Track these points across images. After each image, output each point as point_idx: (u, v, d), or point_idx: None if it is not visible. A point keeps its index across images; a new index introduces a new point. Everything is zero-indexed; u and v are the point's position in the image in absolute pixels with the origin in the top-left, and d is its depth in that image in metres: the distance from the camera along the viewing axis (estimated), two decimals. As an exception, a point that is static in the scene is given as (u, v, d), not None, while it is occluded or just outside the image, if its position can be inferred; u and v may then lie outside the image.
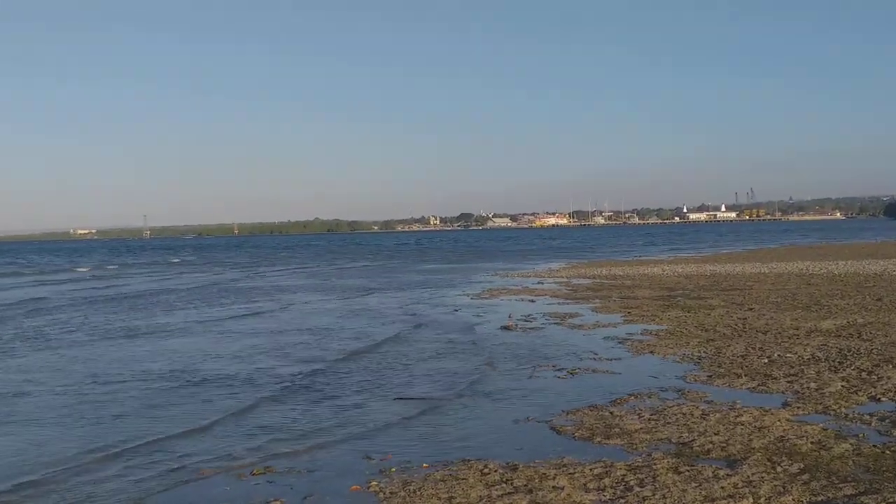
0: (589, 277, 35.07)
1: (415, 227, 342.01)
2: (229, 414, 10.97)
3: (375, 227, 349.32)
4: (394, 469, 8.20)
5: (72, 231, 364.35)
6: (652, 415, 9.96)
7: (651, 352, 14.71)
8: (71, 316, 25.39)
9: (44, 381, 13.87)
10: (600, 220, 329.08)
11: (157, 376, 14.00)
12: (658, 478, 7.49)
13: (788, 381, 11.54)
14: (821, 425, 9.09)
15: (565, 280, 34.22)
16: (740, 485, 7.20)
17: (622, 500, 6.96)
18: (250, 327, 21.00)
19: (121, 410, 11.42)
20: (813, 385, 11.19)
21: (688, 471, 7.67)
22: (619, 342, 16.01)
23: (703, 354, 14.08)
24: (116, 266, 68.58)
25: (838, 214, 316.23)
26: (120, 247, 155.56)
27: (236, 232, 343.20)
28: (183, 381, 13.46)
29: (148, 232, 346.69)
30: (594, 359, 14.30)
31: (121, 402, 11.93)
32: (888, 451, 7.99)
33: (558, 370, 13.36)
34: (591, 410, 10.36)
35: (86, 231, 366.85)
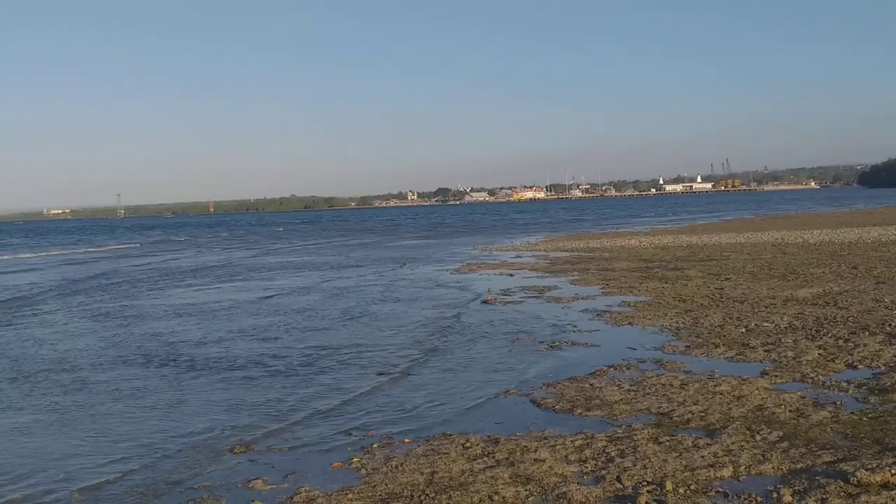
0: (567, 250, 35.14)
1: (392, 203, 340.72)
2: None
3: (353, 203, 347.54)
4: (375, 445, 8.19)
5: (45, 211, 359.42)
6: (631, 386, 10.01)
7: (629, 323, 14.77)
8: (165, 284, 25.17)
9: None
10: (577, 193, 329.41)
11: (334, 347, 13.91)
12: (638, 448, 7.53)
13: (766, 350, 11.63)
14: (799, 393, 9.16)
15: (543, 253, 34.27)
16: (720, 453, 7.25)
17: (603, 472, 6.98)
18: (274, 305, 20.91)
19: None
20: (790, 353, 11.27)
21: (668, 441, 7.71)
22: (598, 314, 16.05)
23: (681, 325, 14.15)
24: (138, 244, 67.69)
25: (813, 184, 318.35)
26: (101, 227, 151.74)
27: (212, 210, 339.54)
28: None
29: (122, 211, 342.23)
30: (573, 331, 14.34)
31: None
32: (865, 418, 8.07)
33: (538, 343, 13.38)
34: (571, 383, 10.39)
35: (59, 211, 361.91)
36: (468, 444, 7.98)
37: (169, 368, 12.77)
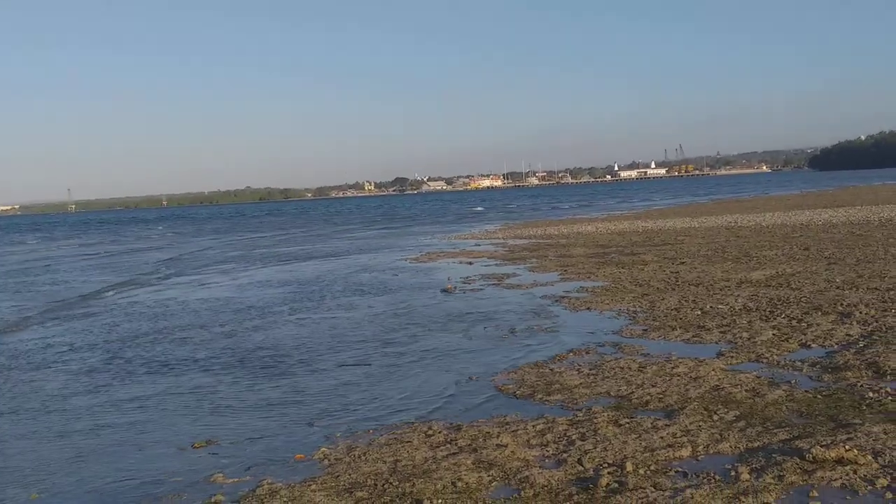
0: (525, 238, 35.29)
1: (349, 193, 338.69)
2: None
3: (309, 195, 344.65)
4: (338, 435, 8.18)
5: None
6: (591, 370, 10.10)
7: (588, 308, 14.89)
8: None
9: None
10: (534, 181, 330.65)
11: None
12: (599, 431, 7.60)
13: (721, 332, 11.80)
14: (754, 373, 9.32)
15: (502, 241, 34.38)
16: (679, 434, 7.35)
17: (565, 455, 7.04)
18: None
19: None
20: (745, 334, 11.45)
21: (627, 423, 7.80)
22: (557, 300, 16.16)
23: (639, 309, 14.30)
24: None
25: (764, 168, 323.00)
26: (56, 223, 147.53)
27: (164, 203, 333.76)
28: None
29: (73, 206, 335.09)
30: (533, 317, 14.42)
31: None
32: (820, 396, 8.23)
33: (498, 330, 13.44)
34: (531, 368, 10.46)
35: (8, 207, 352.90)
36: (430, 432, 8.00)
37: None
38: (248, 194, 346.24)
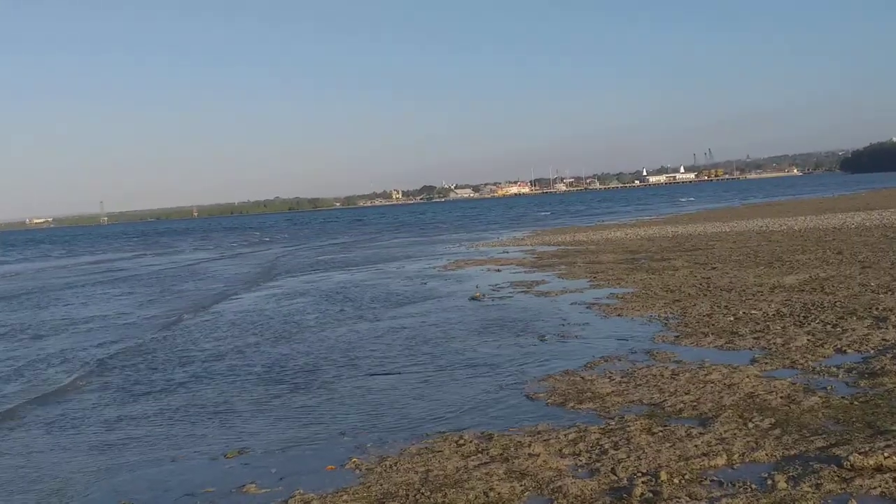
0: (553, 244, 35.16)
1: (377, 202, 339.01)
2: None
3: (337, 204, 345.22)
4: (369, 445, 8.16)
5: (28, 221, 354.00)
6: (623, 377, 10.01)
7: (618, 315, 14.78)
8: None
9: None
10: (562, 187, 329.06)
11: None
12: (632, 440, 7.53)
13: (755, 338, 11.66)
14: (789, 380, 9.19)
15: (530, 248, 34.28)
16: (713, 442, 7.26)
17: (597, 464, 6.99)
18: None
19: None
20: (779, 340, 11.31)
21: (661, 431, 7.72)
22: (587, 307, 16.06)
23: (670, 315, 14.18)
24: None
25: (795, 171, 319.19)
26: (93, 234, 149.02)
27: (195, 214, 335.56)
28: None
29: (105, 218, 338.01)
30: (563, 325, 14.34)
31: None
32: (856, 402, 8.10)
33: (528, 338, 13.38)
34: (562, 376, 10.39)
35: (41, 220, 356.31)
36: (462, 442, 7.96)
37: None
38: (277, 204, 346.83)
